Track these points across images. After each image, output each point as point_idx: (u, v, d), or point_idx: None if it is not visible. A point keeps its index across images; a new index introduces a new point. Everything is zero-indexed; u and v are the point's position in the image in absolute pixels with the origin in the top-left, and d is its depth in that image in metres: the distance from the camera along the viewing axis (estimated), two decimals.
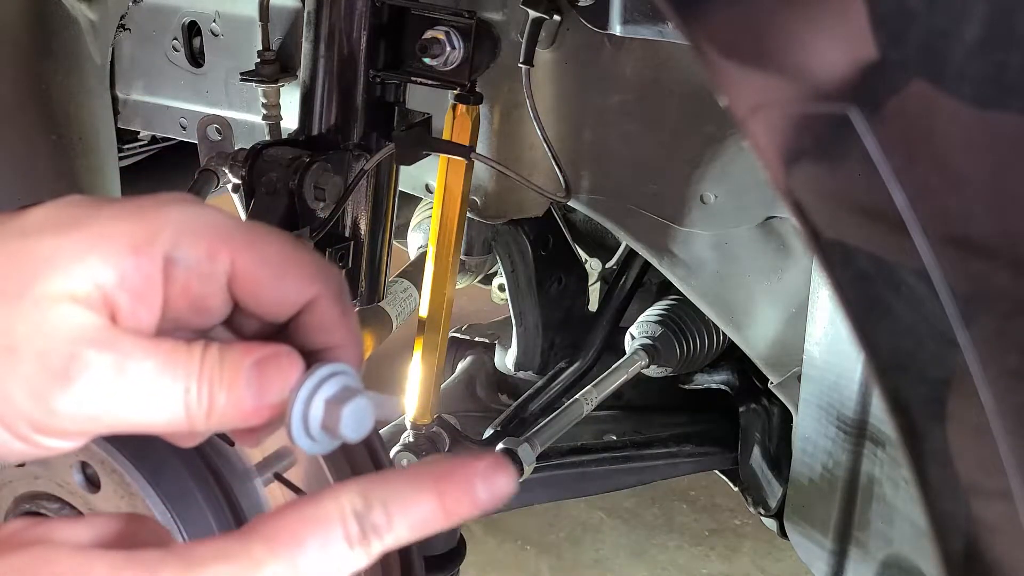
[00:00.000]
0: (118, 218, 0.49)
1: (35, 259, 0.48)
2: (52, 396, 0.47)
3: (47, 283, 0.47)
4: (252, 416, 0.50)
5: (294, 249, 0.53)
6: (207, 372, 0.49)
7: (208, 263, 0.50)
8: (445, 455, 0.45)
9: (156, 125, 1.56)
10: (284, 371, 0.50)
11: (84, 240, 0.48)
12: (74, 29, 1.49)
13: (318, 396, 0.51)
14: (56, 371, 0.47)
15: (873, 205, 0.47)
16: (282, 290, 0.52)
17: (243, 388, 0.49)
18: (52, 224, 0.49)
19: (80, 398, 0.47)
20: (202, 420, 0.49)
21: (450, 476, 0.48)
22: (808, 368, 1.29)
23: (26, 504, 0.85)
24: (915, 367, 0.50)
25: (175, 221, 0.50)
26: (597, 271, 1.54)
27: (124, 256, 0.48)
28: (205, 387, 0.49)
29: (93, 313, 0.48)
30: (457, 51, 1.04)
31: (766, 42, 0.48)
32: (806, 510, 1.37)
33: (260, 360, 0.50)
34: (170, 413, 0.49)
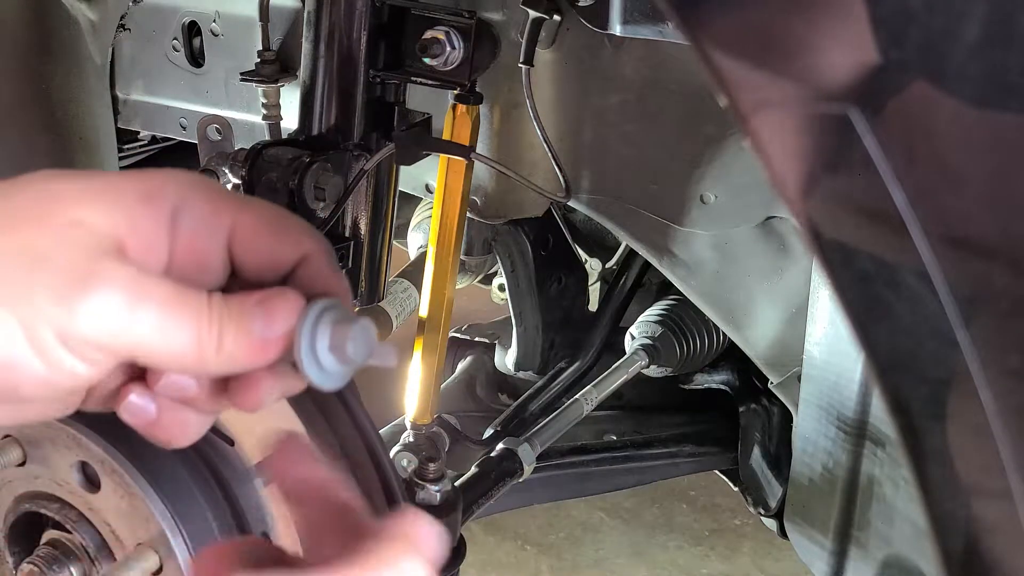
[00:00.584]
0: (125, 177, 0.53)
1: (57, 195, 0.51)
2: (75, 300, 0.48)
3: (70, 211, 0.50)
4: (259, 350, 0.52)
5: (286, 213, 0.57)
6: (216, 309, 0.51)
7: (212, 218, 0.54)
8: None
9: (156, 125, 1.56)
10: (287, 304, 0.53)
11: (100, 187, 0.52)
12: (74, 29, 1.49)
13: (322, 323, 0.53)
14: (79, 277, 0.49)
15: (873, 205, 0.47)
16: (280, 245, 0.55)
17: (250, 320, 0.52)
18: (70, 175, 0.52)
19: (101, 306, 0.49)
20: (212, 353, 0.51)
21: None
22: (808, 368, 1.29)
23: (26, 504, 0.85)
24: (915, 367, 0.50)
25: (181, 181, 0.54)
26: (597, 271, 1.54)
27: (135, 204, 0.52)
28: (215, 321, 0.51)
29: (109, 238, 0.50)
30: (457, 51, 1.04)
31: (766, 42, 0.48)
32: (806, 510, 1.37)
33: (264, 297, 0.53)
34: (183, 341, 0.51)
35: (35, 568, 0.84)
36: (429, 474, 1.11)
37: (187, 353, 0.51)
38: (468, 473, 1.29)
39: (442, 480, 1.12)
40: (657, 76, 1.17)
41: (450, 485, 1.13)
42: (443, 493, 1.11)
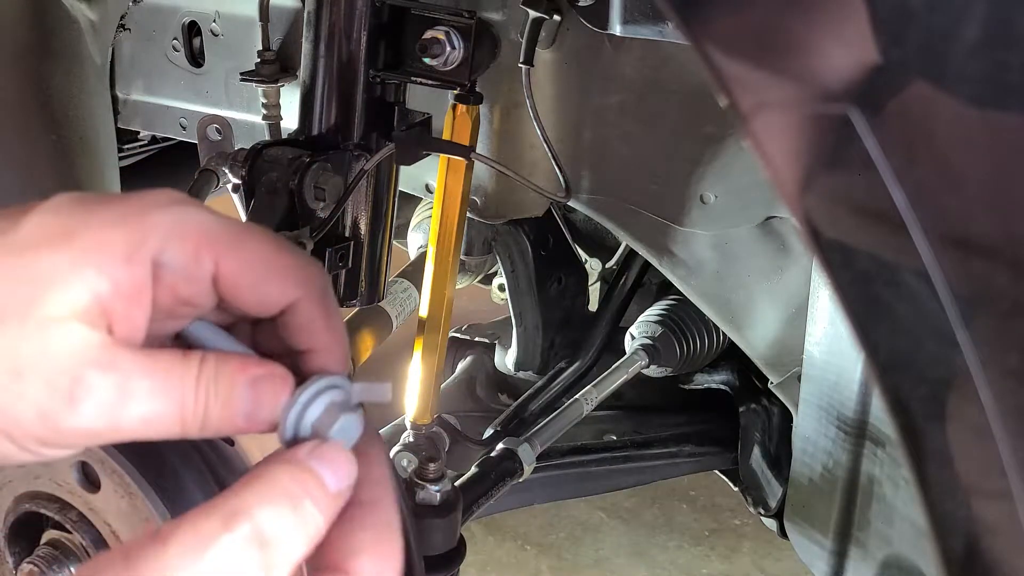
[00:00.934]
0: (108, 225, 0.51)
1: (34, 278, 0.49)
2: (58, 417, 0.49)
3: (48, 302, 0.49)
4: (243, 431, 0.52)
5: (278, 251, 0.54)
6: (203, 387, 0.51)
7: (194, 265, 0.52)
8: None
9: (156, 125, 1.56)
10: (277, 392, 0.52)
11: (79, 253, 0.50)
12: (74, 29, 1.49)
13: (307, 415, 0.52)
14: (62, 394, 0.49)
15: (873, 205, 0.47)
16: (262, 293, 0.54)
17: (237, 405, 0.51)
18: (45, 237, 0.50)
19: (84, 417, 0.49)
20: (196, 431, 0.51)
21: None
22: (808, 368, 1.29)
23: (26, 504, 0.85)
24: (915, 367, 0.50)
25: (163, 224, 0.51)
26: (597, 271, 1.54)
27: (117, 265, 0.50)
28: (201, 401, 0.51)
29: (93, 330, 0.49)
30: (457, 51, 1.04)
31: (766, 42, 0.48)
32: (806, 510, 1.37)
33: (254, 379, 0.52)
34: (166, 426, 0.51)
35: (35, 568, 0.84)
36: (429, 474, 1.11)
37: (170, 433, 0.51)
38: (468, 473, 1.29)
39: (442, 480, 1.12)
40: (657, 76, 1.17)
41: (450, 485, 1.13)
42: (443, 493, 1.11)
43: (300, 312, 0.54)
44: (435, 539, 1.12)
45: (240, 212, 1.09)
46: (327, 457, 0.51)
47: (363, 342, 1.37)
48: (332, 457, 0.51)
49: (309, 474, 0.50)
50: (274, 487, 0.49)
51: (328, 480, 0.50)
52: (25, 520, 0.87)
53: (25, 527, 0.87)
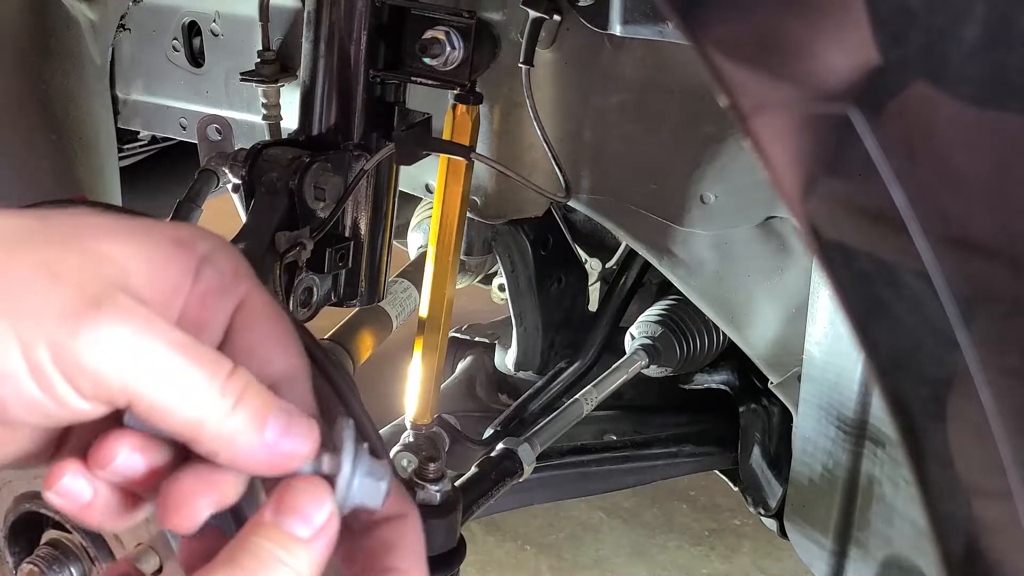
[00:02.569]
0: (161, 222, 0.53)
1: (92, 227, 0.50)
2: (80, 323, 0.46)
3: (100, 243, 0.49)
4: (252, 452, 0.50)
5: (287, 319, 0.55)
6: (240, 380, 0.49)
7: (231, 280, 0.52)
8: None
9: (156, 125, 1.56)
10: (306, 436, 0.51)
11: (134, 225, 0.51)
12: (74, 29, 1.49)
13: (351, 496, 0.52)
14: (91, 301, 0.47)
15: (873, 205, 0.47)
16: (272, 341, 0.54)
17: (272, 416, 0.50)
18: (96, 214, 0.52)
19: (105, 335, 0.46)
20: (215, 424, 0.49)
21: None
22: (808, 368, 1.29)
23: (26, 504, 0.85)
24: (915, 367, 0.50)
25: (209, 237, 0.53)
26: (597, 271, 1.54)
27: (166, 246, 0.51)
28: (233, 391, 0.49)
29: (132, 275, 0.49)
30: (457, 51, 1.04)
31: (766, 42, 0.48)
32: (806, 510, 1.37)
33: (290, 408, 0.51)
34: (191, 398, 0.48)
35: (35, 568, 0.84)
36: (429, 474, 1.11)
37: (187, 413, 0.48)
38: (468, 473, 1.29)
39: (442, 480, 1.12)
40: (657, 76, 1.17)
41: (450, 485, 1.13)
42: (443, 493, 1.11)
43: (297, 381, 0.55)
44: (435, 539, 1.12)
45: (240, 212, 1.09)
46: (291, 507, 0.50)
47: (363, 342, 1.37)
48: (295, 504, 0.50)
49: (278, 532, 0.49)
50: (249, 555, 0.49)
51: (298, 530, 0.50)
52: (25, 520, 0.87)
53: (25, 527, 0.87)
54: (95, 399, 0.48)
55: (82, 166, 1.55)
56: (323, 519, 0.50)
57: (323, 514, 0.50)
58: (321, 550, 0.50)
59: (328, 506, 0.51)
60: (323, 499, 0.51)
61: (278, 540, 0.49)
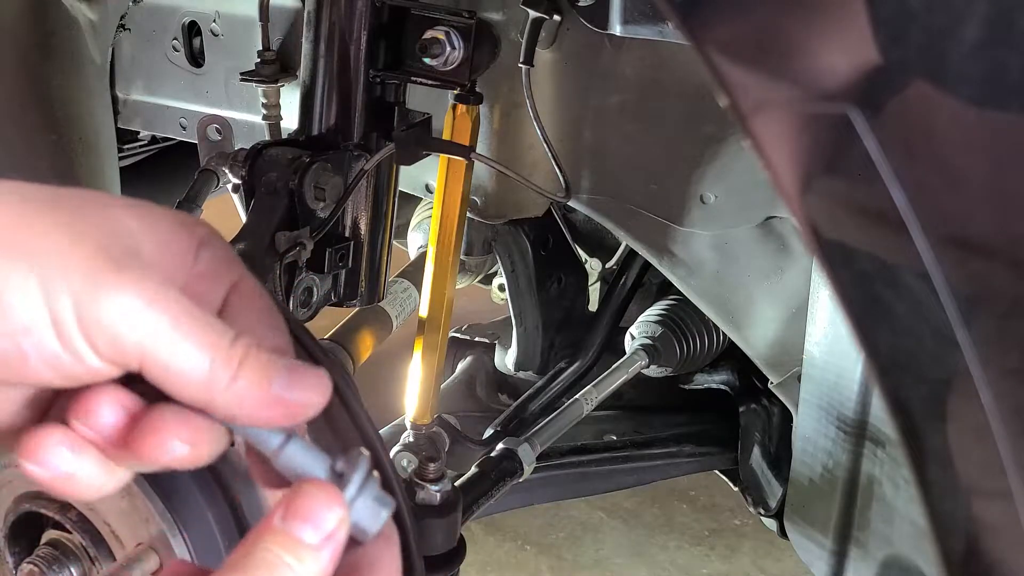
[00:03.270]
0: (162, 207, 0.54)
1: (106, 201, 0.52)
2: (105, 282, 0.47)
3: (114, 210, 0.51)
4: (268, 405, 0.50)
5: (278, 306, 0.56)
6: (242, 345, 0.50)
7: (225, 264, 0.54)
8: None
9: (156, 125, 1.56)
10: (317, 386, 0.51)
11: (140, 205, 0.52)
12: (74, 29, 1.49)
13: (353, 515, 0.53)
14: (112, 261, 0.48)
15: (873, 205, 0.47)
16: (262, 327, 0.54)
17: (274, 372, 0.50)
18: (114, 196, 0.54)
19: (128, 296, 0.48)
20: (223, 383, 0.49)
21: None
22: (808, 368, 1.29)
23: (26, 504, 0.85)
24: (915, 367, 0.50)
25: (208, 225, 0.54)
26: (597, 271, 1.54)
27: (172, 225, 0.52)
28: (237, 355, 0.49)
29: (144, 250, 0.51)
30: (457, 51, 1.04)
31: (766, 42, 0.48)
32: (806, 510, 1.37)
33: (293, 363, 0.51)
34: (198, 360, 0.49)
35: (35, 568, 0.84)
36: (429, 474, 1.11)
37: (198, 375, 0.49)
38: (468, 473, 1.29)
39: (442, 480, 1.12)
40: (657, 76, 1.17)
41: (450, 485, 1.13)
42: (443, 493, 1.11)
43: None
44: (435, 539, 1.12)
45: (240, 212, 1.09)
46: (301, 513, 0.50)
47: (363, 342, 1.37)
48: (305, 510, 0.50)
49: (287, 537, 0.50)
50: (258, 560, 0.49)
51: (307, 536, 0.50)
52: (25, 520, 0.87)
53: (25, 527, 0.87)
54: (110, 359, 0.49)
55: (82, 166, 1.55)
56: (332, 525, 0.50)
57: (333, 520, 0.50)
58: (329, 557, 0.50)
59: (338, 512, 0.51)
60: (333, 505, 0.51)
61: (287, 546, 0.49)
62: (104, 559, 0.83)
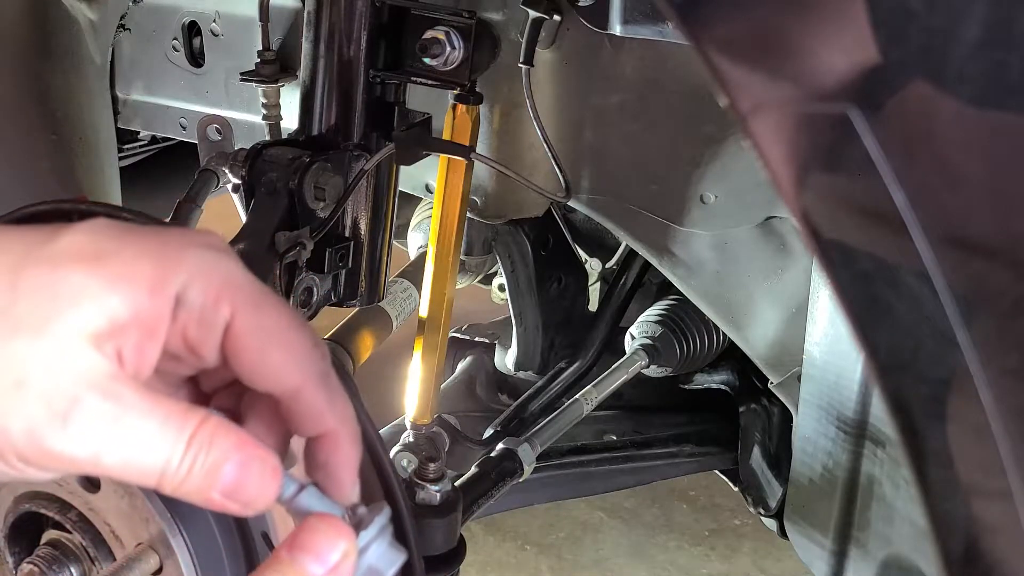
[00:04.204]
0: (141, 255, 0.51)
1: (56, 294, 0.49)
2: (46, 435, 0.48)
3: (65, 320, 0.49)
4: (215, 506, 0.52)
5: (291, 325, 0.54)
6: (193, 448, 0.50)
7: (212, 310, 0.52)
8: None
9: (156, 125, 1.56)
10: (263, 481, 0.52)
11: (105, 277, 0.50)
12: (74, 29, 1.49)
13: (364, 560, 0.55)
14: (57, 413, 0.48)
15: (873, 205, 0.47)
16: (264, 365, 0.54)
17: (218, 479, 0.51)
18: (78, 255, 0.50)
19: (71, 440, 0.49)
20: (170, 487, 0.51)
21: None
22: (808, 368, 1.29)
23: (26, 504, 0.85)
24: (915, 367, 0.50)
25: (192, 264, 0.52)
26: (597, 271, 1.54)
27: (141, 294, 0.50)
28: (187, 462, 0.50)
29: (103, 356, 0.49)
30: (457, 51, 1.04)
31: (766, 42, 0.48)
32: (806, 510, 1.37)
33: (245, 459, 0.51)
34: (145, 472, 0.50)
35: (35, 568, 0.84)
36: (429, 474, 1.11)
37: (146, 479, 0.51)
38: (468, 473, 1.29)
39: (442, 480, 1.12)
40: (657, 76, 1.17)
41: (450, 485, 1.13)
42: (443, 493, 1.11)
43: (302, 396, 0.55)
44: (435, 539, 1.12)
45: (240, 212, 1.09)
46: (306, 546, 0.52)
47: (363, 342, 1.37)
48: (310, 543, 0.52)
49: (292, 568, 0.52)
50: None
51: (312, 568, 0.52)
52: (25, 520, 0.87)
53: (25, 527, 0.87)
54: (59, 474, 0.52)
55: (82, 166, 1.55)
56: (336, 559, 0.52)
57: (337, 554, 0.52)
58: None
59: (343, 547, 0.53)
60: (338, 540, 0.53)
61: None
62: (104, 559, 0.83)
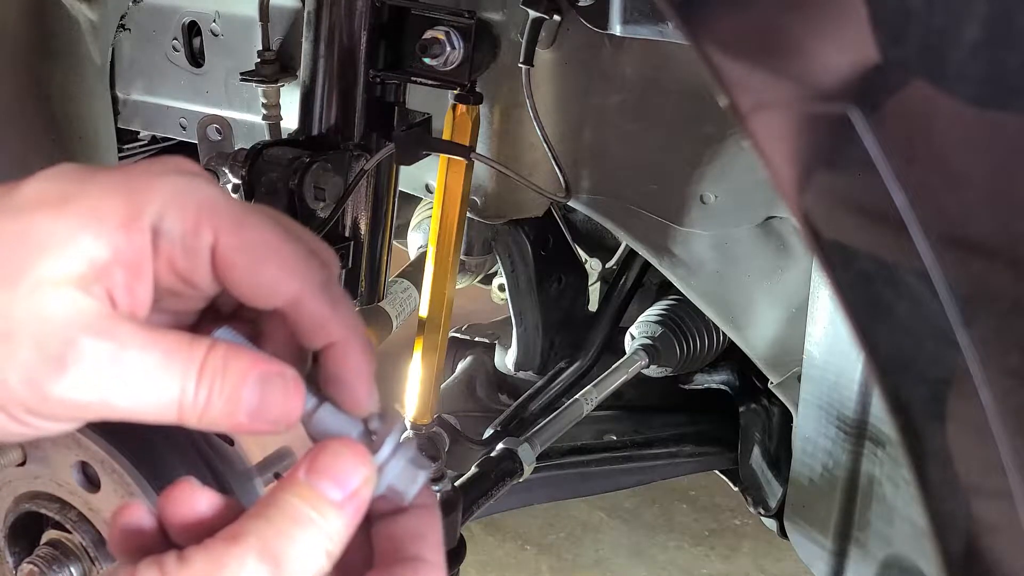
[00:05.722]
0: (107, 191, 0.49)
1: (30, 241, 0.48)
2: (47, 382, 0.47)
3: (43, 267, 0.47)
4: (244, 430, 0.50)
5: (281, 235, 0.52)
6: (207, 376, 0.49)
7: (192, 236, 0.50)
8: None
9: (156, 125, 1.56)
10: (286, 393, 0.51)
11: (76, 217, 0.48)
12: (74, 29, 1.49)
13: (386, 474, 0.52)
14: (52, 357, 0.47)
15: (873, 205, 0.47)
16: (259, 277, 0.51)
17: (242, 401, 0.49)
18: (43, 201, 0.49)
19: (74, 385, 0.47)
20: (193, 420, 0.49)
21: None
22: (808, 368, 1.29)
23: (26, 504, 0.85)
24: (915, 367, 0.50)
25: (164, 192, 0.50)
26: (597, 271, 1.54)
27: (115, 231, 0.48)
28: (204, 391, 0.49)
29: (91, 297, 0.48)
30: (457, 51, 1.04)
31: (766, 42, 0.48)
32: (806, 510, 1.37)
33: (264, 376, 0.50)
34: (162, 408, 0.49)
35: (35, 568, 0.84)
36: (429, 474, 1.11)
37: (164, 417, 0.49)
38: (468, 473, 1.29)
39: (442, 480, 1.12)
40: (657, 76, 1.17)
41: (450, 485, 1.13)
42: (443, 493, 1.11)
43: (304, 307, 0.52)
44: None
45: None
46: (325, 469, 0.50)
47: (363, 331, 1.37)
48: (329, 467, 0.50)
49: (310, 491, 0.49)
50: (280, 511, 0.48)
51: (331, 492, 0.49)
52: (25, 520, 0.87)
53: (25, 527, 0.87)
54: (75, 423, 0.50)
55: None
56: (357, 483, 0.50)
57: (357, 478, 0.50)
58: (352, 515, 0.50)
59: (363, 471, 0.50)
60: (358, 463, 0.50)
61: (310, 500, 0.49)
62: (104, 559, 0.83)
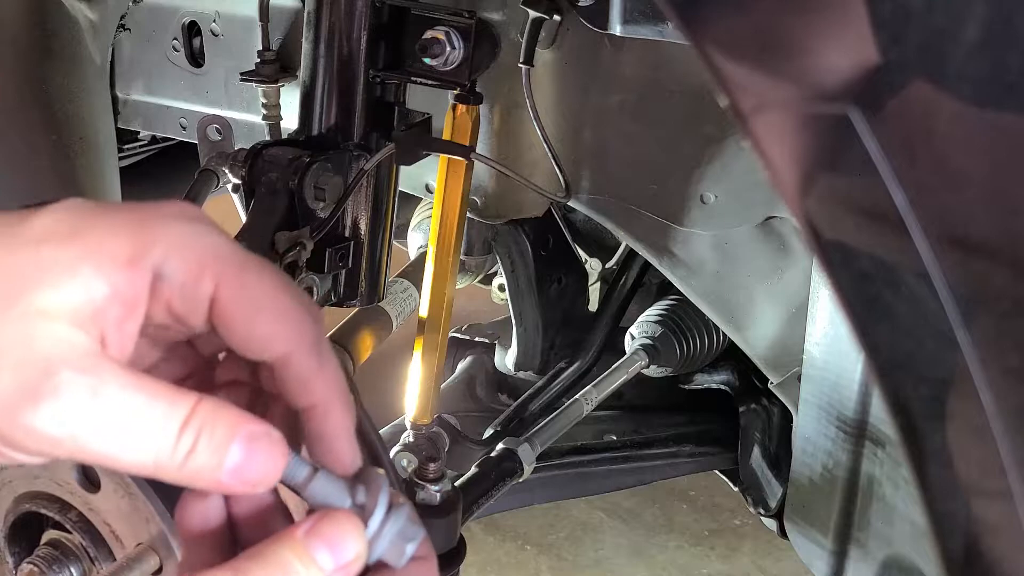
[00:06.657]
0: (115, 229, 0.49)
1: (30, 271, 0.48)
2: (19, 411, 0.46)
3: (38, 296, 0.47)
4: (222, 488, 0.50)
5: (279, 291, 0.52)
6: (193, 427, 0.48)
7: (193, 284, 0.50)
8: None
9: (156, 125, 1.56)
10: (271, 458, 0.51)
11: (80, 252, 0.48)
12: (74, 29, 1.49)
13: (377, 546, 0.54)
14: (28, 386, 0.46)
15: (873, 205, 0.47)
16: (253, 334, 0.52)
17: (226, 459, 0.49)
18: (51, 233, 0.49)
19: (47, 418, 0.46)
20: (172, 471, 0.49)
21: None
22: (808, 368, 1.29)
23: (26, 504, 0.85)
24: (915, 367, 0.50)
25: (170, 236, 0.50)
26: (597, 271, 1.54)
27: (117, 269, 0.48)
28: (187, 441, 0.48)
29: (81, 332, 0.47)
30: (457, 51, 1.04)
31: (766, 42, 0.48)
32: (806, 510, 1.37)
33: (251, 436, 0.50)
34: (135, 458, 0.48)
35: (35, 568, 0.84)
36: (429, 474, 1.11)
37: (140, 468, 0.48)
38: (468, 473, 1.29)
39: (442, 480, 1.12)
40: (657, 76, 1.17)
41: (450, 485, 1.13)
42: (443, 493, 1.11)
43: (292, 362, 0.53)
44: (435, 539, 1.12)
45: (240, 212, 1.09)
46: (326, 535, 0.51)
47: (363, 342, 1.37)
48: (328, 535, 0.51)
49: (305, 552, 0.50)
50: (275, 558, 0.50)
51: (322, 559, 0.50)
52: (25, 520, 0.87)
53: (25, 527, 0.87)
54: (46, 457, 0.49)
55: (82, 166, 1.55)
56: (348, 559, 0.52)
57: (349, 554, 0.52)
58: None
59: (355, 548, 0.52)
60: (354, 540, 0.52)
61: (303, 559, 0.50)
62: (104, 559, 0.83)
